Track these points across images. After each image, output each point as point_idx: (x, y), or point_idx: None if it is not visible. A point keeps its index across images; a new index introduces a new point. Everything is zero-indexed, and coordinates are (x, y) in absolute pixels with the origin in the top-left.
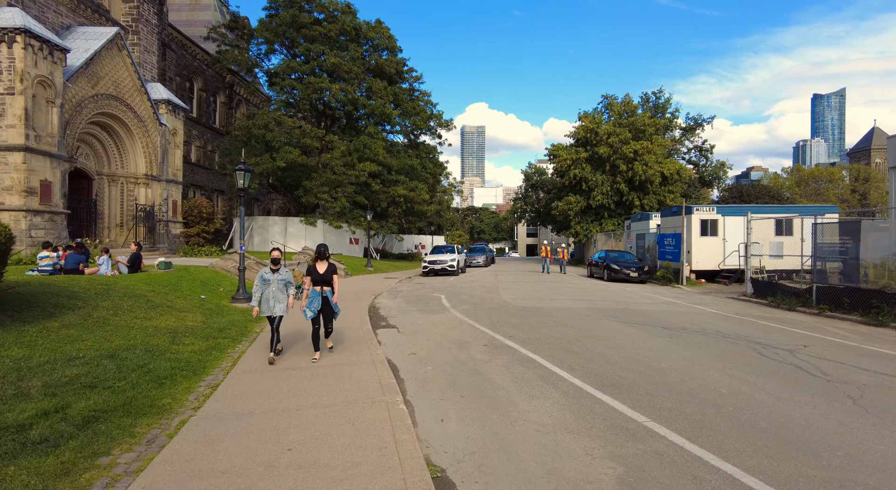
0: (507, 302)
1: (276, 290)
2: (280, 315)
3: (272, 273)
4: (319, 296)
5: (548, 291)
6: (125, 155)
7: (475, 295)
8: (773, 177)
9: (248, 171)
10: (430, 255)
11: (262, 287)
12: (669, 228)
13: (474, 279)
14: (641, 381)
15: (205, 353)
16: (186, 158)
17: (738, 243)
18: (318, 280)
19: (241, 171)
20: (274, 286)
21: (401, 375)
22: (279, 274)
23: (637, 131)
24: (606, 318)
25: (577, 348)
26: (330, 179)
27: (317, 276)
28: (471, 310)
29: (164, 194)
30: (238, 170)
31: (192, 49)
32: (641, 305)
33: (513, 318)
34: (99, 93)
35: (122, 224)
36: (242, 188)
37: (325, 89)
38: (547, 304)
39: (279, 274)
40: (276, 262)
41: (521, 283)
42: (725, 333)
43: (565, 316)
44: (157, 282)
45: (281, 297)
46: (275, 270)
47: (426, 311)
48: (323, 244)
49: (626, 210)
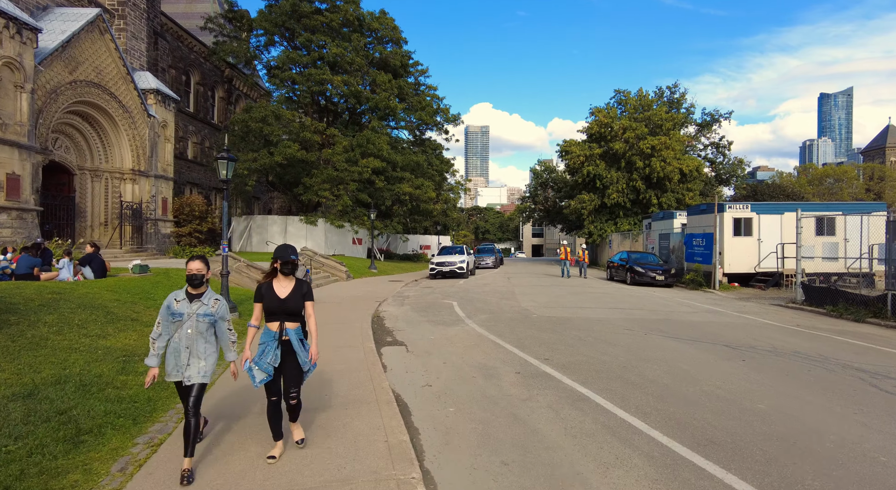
0: (530, 311)
1: (195, 334)
2: (200, 383)
3: (188, 302)
4: (276, 341)
5: (572, 298)
6: (110, 148)
7: (491, 302)
8: (785, 176)
9: (230, 160)
10: (437, 257)
11: (169, 327)
12: (698, 228)
13: (486, 283)
14: (747, 435)
15: (161, 385)
16: (182, 155)
17: (776, 244)
18: (275, 310)
19: (223, 160)
20: (190, 326)
21: (415, 423)
22: (203, 303)
23: (654, 126)
24: (652, 333)
25: (636, 378)
26: (331, 176)
27: (273, 304)
28: (489, 321)
29: (152, 191)
30: (220, 159)
31: (188, 41)
32: (683, 315)
33: (542, 332)
34: (78, 79)
35: (107, 223)
36: (226, 179)
37: (326, 82)
38: (575, 313)
39: (203, 303)
40: (198, 283)
41: (539, 288)
42: (808, 355)
43: (602, 330)
44: (127, 289)
45: (203, 349)
46: (194, 297)
47: (438, 323)
48: (288, 245)
49: (643, 209)
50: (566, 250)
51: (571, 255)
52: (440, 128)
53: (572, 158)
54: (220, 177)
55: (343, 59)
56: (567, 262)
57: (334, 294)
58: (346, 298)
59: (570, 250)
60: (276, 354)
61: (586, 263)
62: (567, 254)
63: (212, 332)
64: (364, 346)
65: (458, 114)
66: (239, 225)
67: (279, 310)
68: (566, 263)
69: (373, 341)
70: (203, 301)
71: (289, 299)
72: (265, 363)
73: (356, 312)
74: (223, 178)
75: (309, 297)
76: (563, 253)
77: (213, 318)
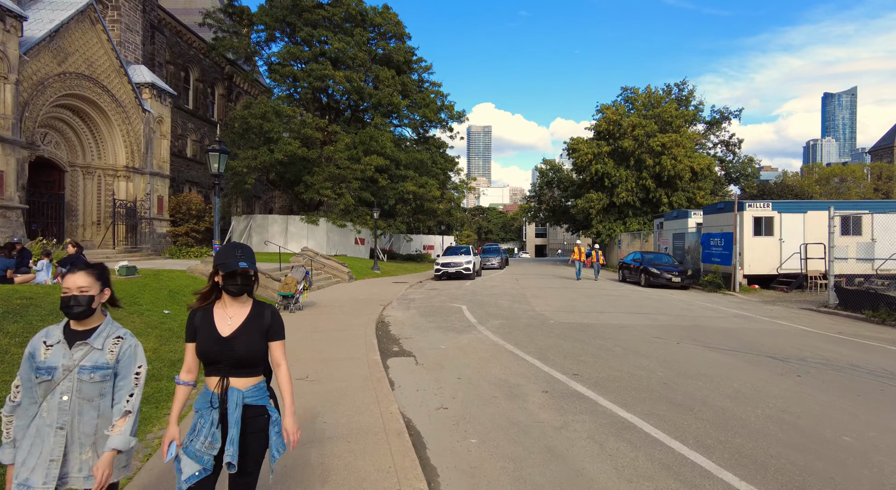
0: (546, 316)
1: (77, 403)
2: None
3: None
4: (214, 412)
5: (587, 301)
6: (102, 144)
7: (502, 306)
8: (791, 175)
9: (223, 153)
10: (443, 257)
11: (33, 392)
12: (715, 227)
13: (494, 284)
14: (849, 482)
15: None
16: (181, 153)
17: (799, 244)
18: (214, 357)
19: (214, 152)
20: (67, 390)
21: (431, 460)
22: (92, 347)
23: (664, 123)
24: (685, 342)
25: (684, 398)
26: (333, 174)
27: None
28: (503, 327)
29: (147, 189)
30: (211, 151)
31: (187, 36)
32: (712, 321)
33: (563, 341)
34: (67, 71)
35: (100, 222)
36: (217, 174)
37: (328, 77)
38: (595, 319)
39: (92, 347)
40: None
41: (551, 290)
42: (869, 369)
43: (629, 338)
44: None
45: (92, 429)
46: (77, 336)
47: (448, 329)
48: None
49: (653, 208)
50: (580, 250)
51: (586, 255)
52: (445, 125)
53: (580, 156)
54: (212, 171)
55: (345, 55)
56: (581, 263)
57: (336, 297)
58: (348, 301)
59: (584, 251)
60: (214, 435)
61: (600, 264)
62: (581, 254)
63: (110, 399)
64: (368, 358)
65: (462, 110)
66: (239, 224)
67: (221, 356)
68: (580, 265)
69: (377, 351)
70: (93, 343)
71: (237, 339)
72: (196, 448)
73: (359, 317)
74: (215, 172)
75: (277, 333)
76: (577, 253)
77: (109, 373)
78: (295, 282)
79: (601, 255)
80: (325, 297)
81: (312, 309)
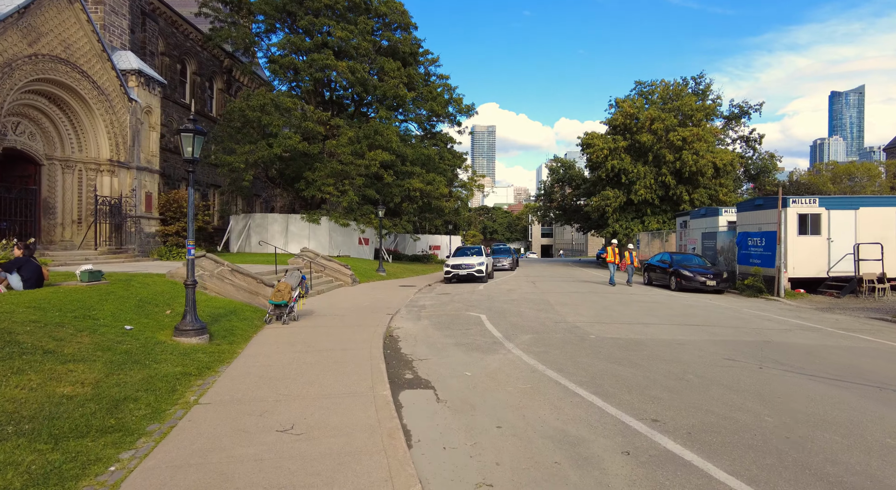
0: (581, 329)
1: None
2: None
3: None
4: None
5: (622, 309)
6: (83, 135)
7: (526, 315)
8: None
9: (197, 134)
10: (452, 258)
11: None
12: (752, 225)
13: (510, 288)
14: None
15: None
16: (177, 149)
17: (852, 244)
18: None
19: (186, 133)
20: None
21: None
22: None
23: (684, 117)
24: (768, 366)
25: (836, 468)
26: (336, 170)
27: None
28: (536, 344)
29: (133, 184)
30: (183, 132)
31: (183, 27)
32: (779, 335)
33: (616, 364)
34: (40, 53)
35: (81, 220)
36: (191, 159)
37: (330, 68)
38: (641, 333)
39: None
40: None
41: (576, 296)
42: None
43: (695, 360)
44: (60, 304)
45: None
46: None
47: (471, 347)
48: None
49: (673, 206)
50: (615, 251)
51: (619, 257)
52: (453, 120)
53: (595, 152)
54: (184, 156)
55: (348, 45)
56: (615, 265)
57: (337, 303)
58: (350, 309)
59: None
60: None
61: (634, 267)
62: (615, 256)
63: None
64: (375, 393)
65: (472, 104)
66: (237, 224)
67: None
68: (615, 268)
69: (387, 382)
70: None
71: None
72: None
73: (363, 330)
74: (188, 157)
75: None
76: (612, 254)
77: None
78: (289, 288)
79: (635, 257)
80: (325, 303)
81: (310, 319)
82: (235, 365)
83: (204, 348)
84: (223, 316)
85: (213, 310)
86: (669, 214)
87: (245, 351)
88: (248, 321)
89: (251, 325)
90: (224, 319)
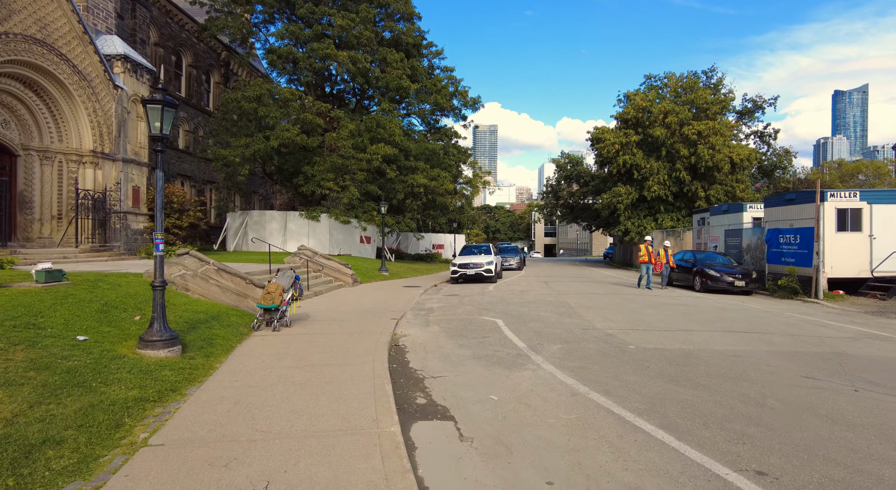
0: (617, 337)
1: None
2: None
3: None
4: None
5: (652, 313)
6: (64, 124)
7: (548, 319)
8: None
9: (167, 106)
10: (459, 257)
11: None
12: (783, 221)
13: (522, 289)
14: None
15: None
16: (172, 144)
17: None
18: None
19: (154, 105)
20: None
21: None
22: None
23: (698, 110)
24: (862, 387)
25: None
26: (336, 164)
27: None
28: (570, 357)
29: (119, 177)
30: (150, 103)
31: (178, 17)
32: (847, 345)
33: (674, 384)
34: (11, 32)
35: (61, 215)
36: (160, 136)
37: (330, 58)
38: (686, 342)
39: None
40: None
41: (596, 298)
42: None
43: (772, 380)
44: (4, 308)
45: None
46: None
47: (491, 361)
48: None
49: (688, 203)
50: (649, 250)
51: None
52: (458, 114)
53: (605, 146)
54: (152, 131)
55: (350, 34)
56: (650, 266)
57: (337, 306)
58: (351, 313)
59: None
60: None
61: (672, 267)
62: (651, 255)
63: None
64: (380, 429)
65: (478, 96)
66: (234, 221)
67: None
68: (648, 269)
69: (394, 410)
70: None
71: None
72: None
73: (364, 339)
74: (156, 133)
75: None
76: (647, 253)
77: None
78: (280, 290)
79: (670, 256)
80: (322, 306)
81: (304, 325)
82: (208, 386)
83: (173, 363)
84: (203, 322)
85: (193, 315)
86: (684, 212)
87: (223, 366)
88: (233, 328)
89: (235, 332)
90: (204, 326)
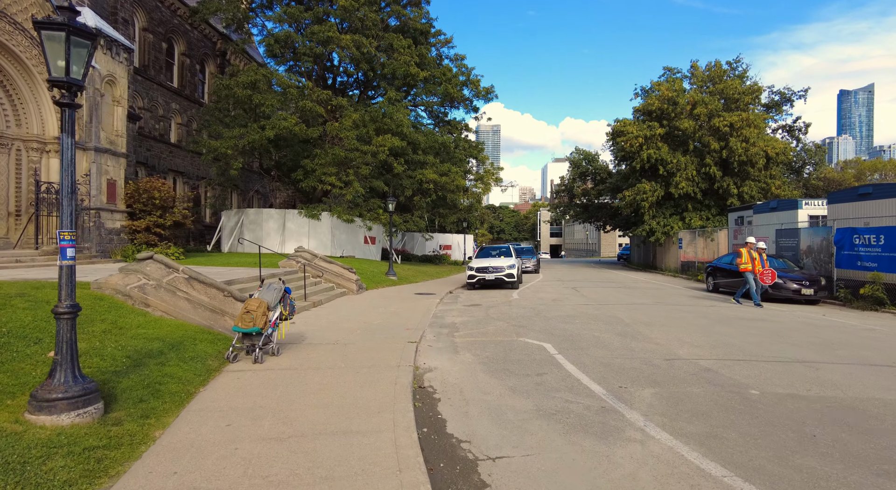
0: (720, 374)
1: None
2: None
3: None
4: None
5: (736, 333)
6: (22, 106)
7: (609, 343)
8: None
9: (75, 34)
10: (477, 260)
11: None
12: (856, 220)
13: (553, 297)
14: None
15: None
16: (163, 137)
17: None
18: None
19: (54, 31)
20: None
21: None
22: None
23: (728, 101)
24: None
25: None
26: (338, 157)
27: None
28: (680, 413)
29: (90, 169)
30: (46, 28)
31: (169, 2)
32: None
33: (874, 475)
34: None
35: (20, 212)
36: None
37: (332, 43)
38: (827, 385)
39: None
40: None
41: (647, 309)
42: None
43: None
44: None
45: None
46: None
47: (566, 421)
48: None
49: (718, 200)
50: (751, 256)
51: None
52: (469, 105)
53: (627, 140)
54: (52, 73)
55: (353, 16)
56: (756, 277)
57: (339, 322)
58: (356, 332)
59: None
60: None
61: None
62: (755, 263)
63: None
64: None
65: (490, 86)
66: (229, 220)
67: None
68: (757, 279)
69: None
70: None
71: None
72: None
73: (377, 377)
74: (59, 76)
75: None
76: (749, 260)
77: None
78: (264, 308)
79: (766, 262)
80: (322, 321)
81: (297, 351)
82: (126, 486)
83: (78, 438)
84: (156, 354)
85: (144, 343)
86: (714, 210)
87: (164, 438)
88: (198, 361)
89: (201, 368)
90: (155, 361)
